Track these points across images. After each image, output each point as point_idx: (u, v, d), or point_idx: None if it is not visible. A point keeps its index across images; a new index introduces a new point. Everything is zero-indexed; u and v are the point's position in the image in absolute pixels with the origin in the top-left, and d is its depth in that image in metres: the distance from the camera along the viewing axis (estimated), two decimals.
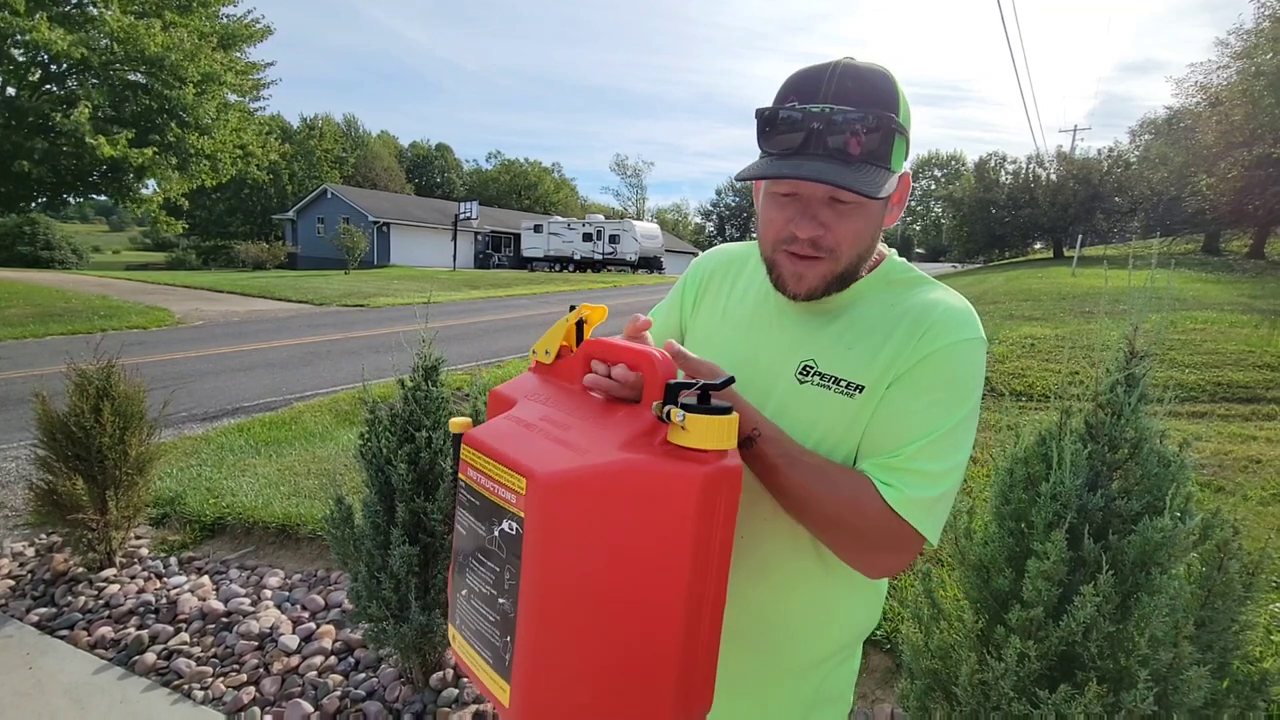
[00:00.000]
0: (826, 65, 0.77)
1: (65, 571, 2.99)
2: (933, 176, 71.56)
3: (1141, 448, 1.30)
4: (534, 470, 0.63)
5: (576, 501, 0.63)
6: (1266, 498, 3.28)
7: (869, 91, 0.75)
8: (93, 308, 12.26)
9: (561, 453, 0.65)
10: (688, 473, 0.64)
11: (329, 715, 2.14)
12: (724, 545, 0.69)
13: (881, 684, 2.25)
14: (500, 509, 0.67)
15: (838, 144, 0.74)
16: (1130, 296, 1.36)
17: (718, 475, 0.66)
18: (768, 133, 0.78)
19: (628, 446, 0.65)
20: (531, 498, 0.63)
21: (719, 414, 0.66)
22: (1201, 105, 21.13)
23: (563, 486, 0.62)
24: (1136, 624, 1.18)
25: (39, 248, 26.35)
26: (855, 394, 0.82)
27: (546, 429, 0.70)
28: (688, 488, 0.64)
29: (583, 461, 0.63)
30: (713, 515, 0.67)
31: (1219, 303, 9.11)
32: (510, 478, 0.65)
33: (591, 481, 0.63)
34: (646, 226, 36.32)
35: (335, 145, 44.97)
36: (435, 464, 2.07)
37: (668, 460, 0.65)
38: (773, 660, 0.92)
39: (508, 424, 0.73)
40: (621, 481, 0.63)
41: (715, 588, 0.70)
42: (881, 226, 0.84)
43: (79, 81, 17.41)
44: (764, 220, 0.85)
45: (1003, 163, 29.71)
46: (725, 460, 0.67)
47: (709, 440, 0.65)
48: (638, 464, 0.64)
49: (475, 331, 11.27)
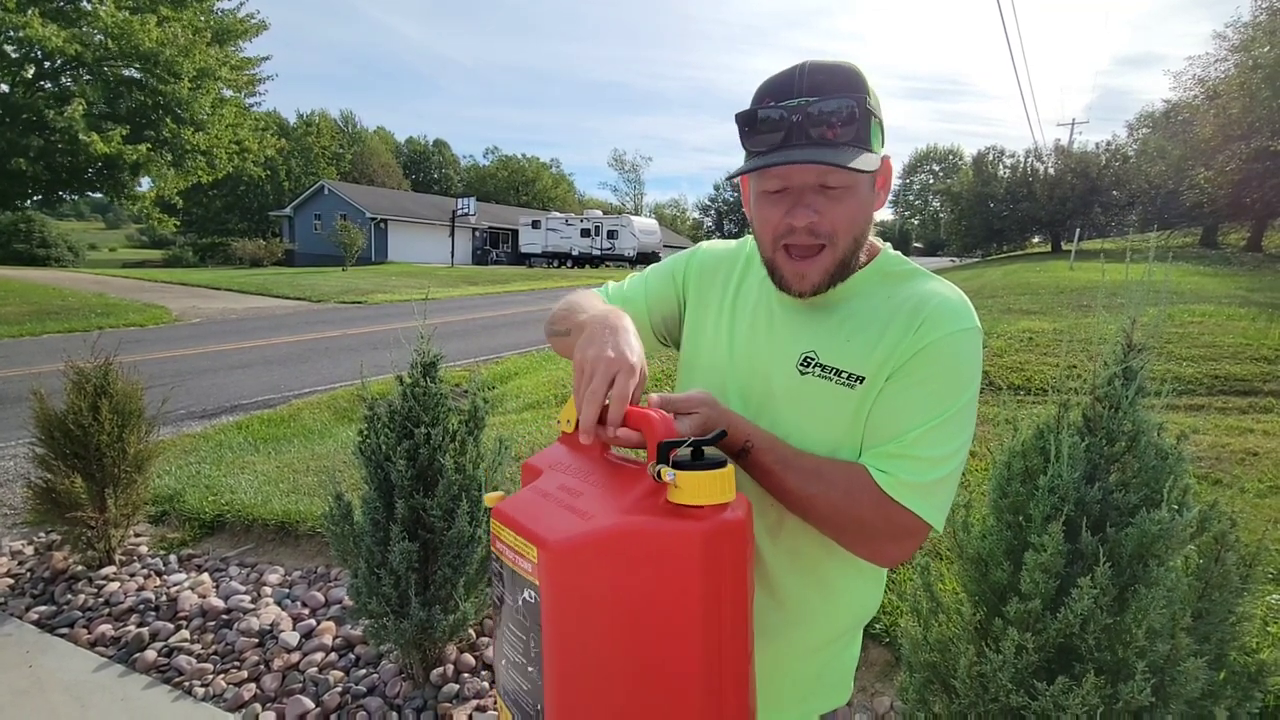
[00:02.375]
0: (795, 66, 0.81)
1: (64, 569, 2.99)
2: (930, 171, 71.51)
3: (1139, 441, 1.30)
4: (544, 539, 0.64)
5: (584, 566, 0.64)
6: (1264, 490, 3.29)
7: (839, 82, 0.78)
8: (89, 305, 12.24)
9: (569, 519, 0.66)
10: (686, 530, 0.65)
11: (330, 711, 2.15)
12: (736, 599, 0.69)
13: (880, 677, 2.25)
14: (522, 579, 0.68)
15: (818, 133, 0.77)
16: (1128, 290, 1.36)
17: (718, 530, 0.66)
18: (749, 133, 0.81)
19: (631, 509, 0.66)
20: (542, 565, 0.64)
21: (712, 468, 0.66)
22: (1199, 99, 21.14)
23: (568, 553, 0.63)
24: (1134, 616, 1.19)
25: (35, 245, 26.24)
26: (856, 385, 0.83)
27: (560, 497, 0.71)
28: (688, 546, 0.65)
29: (587, 527, 0.65)
30: (719, 570, 0.67)
31: (1216, 296, 9.12)
32: (526, 548, 0.67)
33: (595, 546, 0.64)
34: (644, 222, 36.33)
35: (332, 141, 44.83)
36: (434, 460, 2.07)
37: (667, 519, 0.66)
38: (779, 641, 0.93)
39: (529, 495, 0.74)
40: (624, 544, 0.64)
41: (734, 642, 0.69)
42: (872, 209, 0.85)
43: (73, 78, 17.32)
44: (759, 221, 0.86)
45: (1001, 157, 29.75)
46: (725, 514, 0.67)
47: (703, 496, 0.66)
48: (638, 525, 0.65)
49: (474, 328, 11.26)
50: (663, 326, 1.07)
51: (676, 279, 1.06)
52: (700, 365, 1.00)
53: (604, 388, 0.71)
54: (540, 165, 62.81)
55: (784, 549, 0.91)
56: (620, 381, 0.72)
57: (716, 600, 0.67)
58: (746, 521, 0.70)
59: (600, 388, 0.71)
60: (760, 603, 0.92)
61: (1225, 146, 18.76)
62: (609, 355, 0.73)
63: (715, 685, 0.68)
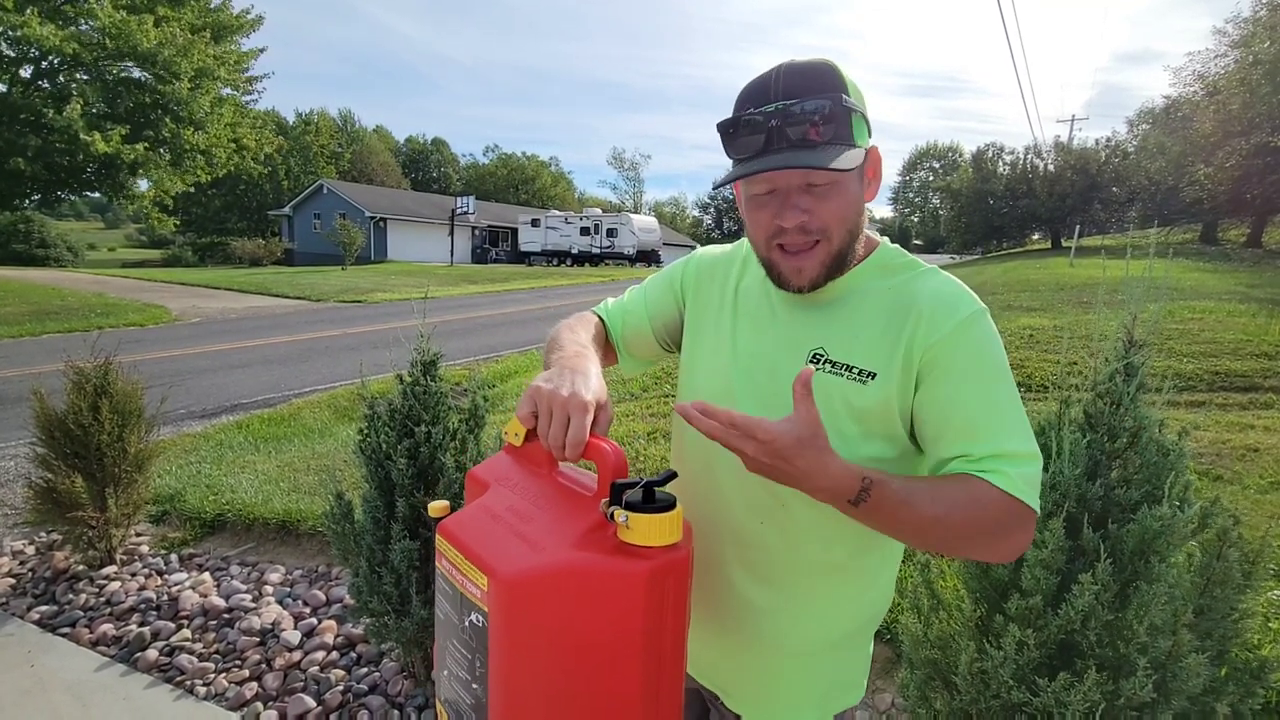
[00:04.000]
0: (771, 70, 0.82)
1: (66, 569, 2.99)
2: (930, 168, 71.40)
3: (1140, 437, 1.30)
4: (495, 569, 0.67)
5: (534, 599, 0.67)
6: (1265, 486, 3.29)
7: (815, 83, 0.80)
8: (89, 305, 12.23)
9: (520, 550, 0.69)
10: (634, 570, 0.67)
11: (332, 710, 2.15)
12: (676, 631, 0.73)
13: (882, 674, 2.26)
14: (470, 602, 0.71)
15: (798, 135, 0.78)
16: (1128, 287, 1.36)
17: (663, 569, 0.69)
18: (732, 138, 0.83)
19: (581, 544, 0.68)
20: (493, 595, 0.67)
21: (661, 511, 0.68)
22: (1199, 94, 21.12)
23: (520, 586, 0.66)
24: (1135, 612, 1.19)
25: (34, 245, 26.24)
26: (868, 381, 0.84)
27: (510, 521, 0.74)
28: (634, 585, 0.68)
29: (538, 561, 0.67)
30: (661, 606, 0.70)
31: (1216, 292, 9.12)
32: (475, 574, 0.69)
33: (546, 581, 0.66)
34: (644, 220, 36.29)
35: (331, 140, 44.77)
36: (435, 459, 2.07)
37: (615, 558, 0.68)
38: (792, 643, 0.94)
39: (477, 514, 0.77)
40: (574, 580, 0.67)
41: (671, 670, 0.74)
42: (863, 201, 0.86)
43: (71, 77, 17.30)
44: (751, 223, 0.88)
45: (1000, 154, 29.67)
46: (671, 553, 0.70)
47: (653, 537, 0.68)
48: (588, 562, 0.67)
49: (473, 327, 11.26)
50: (665, 333, 1.09)
51: (675, 285, 1.08)
52: (701, 366, 1.00)
53: (561, 430, 0.74)
54: (539, 164, 62.73)
55: (795, 550, 0.91)
56: (575, 421, 0.75)
57: (658, 633, 0.71)
58: (689, 556, 0.73)
59: (559, 431, 0.75)
60: (773, 601, 0.93)
61: (1225, 142, 18.74)
62: (562, 395, 0.76)
63: (653, 703, 0.72)
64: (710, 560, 0.95)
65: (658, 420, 4.77)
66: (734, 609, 0.95)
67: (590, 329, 1.02)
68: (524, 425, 0.80)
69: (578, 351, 0.90)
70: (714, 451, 0.95)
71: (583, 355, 0.88)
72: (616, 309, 1.11)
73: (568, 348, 0.92)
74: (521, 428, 0.81)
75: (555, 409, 0.75)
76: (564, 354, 0.89)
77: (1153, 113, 29.89)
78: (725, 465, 0.93)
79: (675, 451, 1.06)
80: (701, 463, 0.96)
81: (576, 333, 0.99)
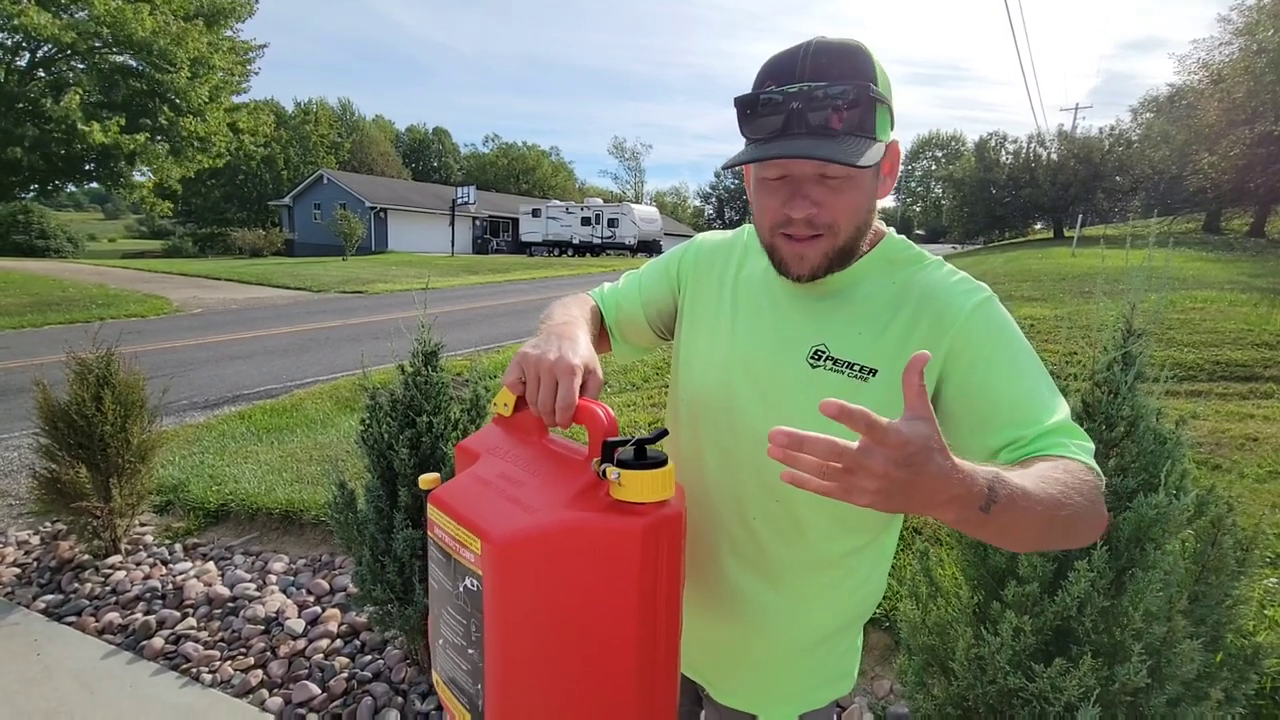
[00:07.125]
0: (799, 46, 0.77)
1: (71, 559, 3.01)
2: (933, 157, 71.08)
3: (1138, 426, 1.31)
4: (487, 532, 0.67)
5: (528, 560, 0.66)
6: (1263, 475, 3.29)
7: (844, 66, 0.75)
8: (90, 296, 12.22)
9: (513, 512, 0.69)
10: (628, 527, 0.68)
11: (336, 696, 2.18)
12: (670, 590, 0.73)
13: (880, 661, 2.28)
14: (463, 567, 0.71)
15: (819, 120, 0.74)
16: (1129, 276, 1.36)
17: (657, 525, 0.69)
18: (749, 117, 0.78)
19: (574, 504, 0.69)
20: (486, 558, 0.67)
21: (654, 467, 0.69)
22: (1204, 83, 20.99)
23: (513, 547, 0.66)
24: (1131, 599, 1.20)
25: (34, 236, 26.13)
26: (869, 378, 0.82)
27: (502, 486, 0.73)
28: (629, 541, 0.68)
29: (531, 521, 0.67)
30: (656, 562, 0.70)
31: (1218, 281, 9.09)
32: (468, 538, 0.69)
33: (540, 541, 0.66)
34: (645, 210, 36.13)
35: (330, 130, 44.55)
36: (436, 448, 2.08)
37: (609, 516, 0.68)
38: (783, 634, 0.93)
39: (469, 482, 0.77)
40: (568, 539, 0.67)
41: (667, 626, 0.74)
42: (876, 198, 0.83)
43: (68, 66, 17.22)
44: (758, 207, 0.84)
45: (1003, 142, 29.52)
46: (664, 509, 0.70)
47: (646, 494, 0.68)
48: (581, 521, 0.67)
49: (474, 317, 11.25)
50: (659, 321, 1.06)
51: (671, 272, 1.05)
52: (698, 355, 0.97)
53: (550, 395, 0.74)
54: (540, 153, 62.48)
55: (789, 545, 0.90)
56: (563, 384, 0.74)
57: (653, 588, 0.71)
58: (682, 514, 0.73)
59: (547, 395, 0.74)
60: (764, 595, 0.92)
61: (1229, 131, 18.63)
62: (549, 359, 0.76)
63: (649, 661, 0.73)
64: (703, 555, 0.95)
65: (659, 410, 4.78)
66: (726, 603, 0.94)
67: (584, 309, 1.00)
68: (513, 392, 0.79)
69: (566, 320, 0.89)
70: (705, 445, 0.94)
71: (571, 324, 0.87)
72: (611, 294, 1.09)
73: (556, 318, 0.91)
74: (510, 396, 0.80)
75: (543, 373, 0.75)
76: (552, 323, 0.87)
77: (1157, 101, 29.69)
78: (717, 459, 0.93)
79: (669, 447, 1.04)
80: (693, 458, 0.95)
81: (569, 309, 0.97)
